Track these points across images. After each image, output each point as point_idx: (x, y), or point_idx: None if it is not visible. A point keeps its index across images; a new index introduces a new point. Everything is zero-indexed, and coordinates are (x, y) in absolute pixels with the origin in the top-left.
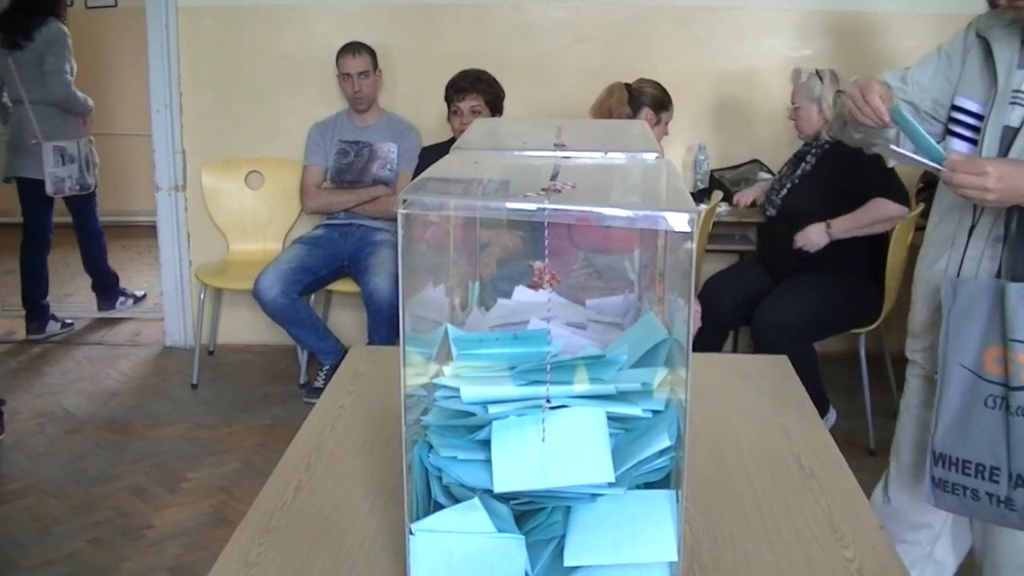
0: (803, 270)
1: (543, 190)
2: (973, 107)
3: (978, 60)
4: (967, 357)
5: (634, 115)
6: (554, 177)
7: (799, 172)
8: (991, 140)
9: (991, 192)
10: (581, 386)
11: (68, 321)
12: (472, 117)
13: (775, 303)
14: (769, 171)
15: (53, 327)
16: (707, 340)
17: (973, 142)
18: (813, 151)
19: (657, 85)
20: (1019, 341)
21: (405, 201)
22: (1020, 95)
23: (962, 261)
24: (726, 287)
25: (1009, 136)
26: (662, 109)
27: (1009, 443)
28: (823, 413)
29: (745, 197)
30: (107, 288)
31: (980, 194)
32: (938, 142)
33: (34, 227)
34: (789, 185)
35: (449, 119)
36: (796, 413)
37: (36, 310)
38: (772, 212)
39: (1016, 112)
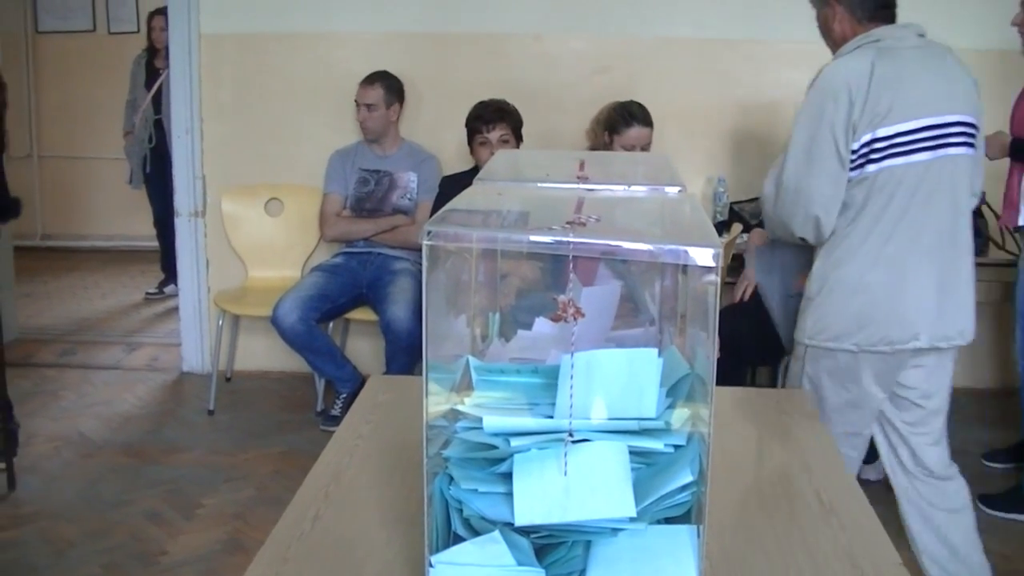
0: None
1: (568, 223)
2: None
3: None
4: None
5: (610, 138)
6: (579, 210)
7: None
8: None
9: None
10: (604, 420)
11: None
12: (501, 146)
13: None
14: None
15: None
16: (726, 374)
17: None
18: None
19: (626, 105)
20: None
21: (430, 233)
22: None
23: None
24: (744, 321)
25: None
26: (613, 132)
27: None
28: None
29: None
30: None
31: None
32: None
33: None
34: None
35: (473, 150)
36: (816, 448)
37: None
38: None
39: None
